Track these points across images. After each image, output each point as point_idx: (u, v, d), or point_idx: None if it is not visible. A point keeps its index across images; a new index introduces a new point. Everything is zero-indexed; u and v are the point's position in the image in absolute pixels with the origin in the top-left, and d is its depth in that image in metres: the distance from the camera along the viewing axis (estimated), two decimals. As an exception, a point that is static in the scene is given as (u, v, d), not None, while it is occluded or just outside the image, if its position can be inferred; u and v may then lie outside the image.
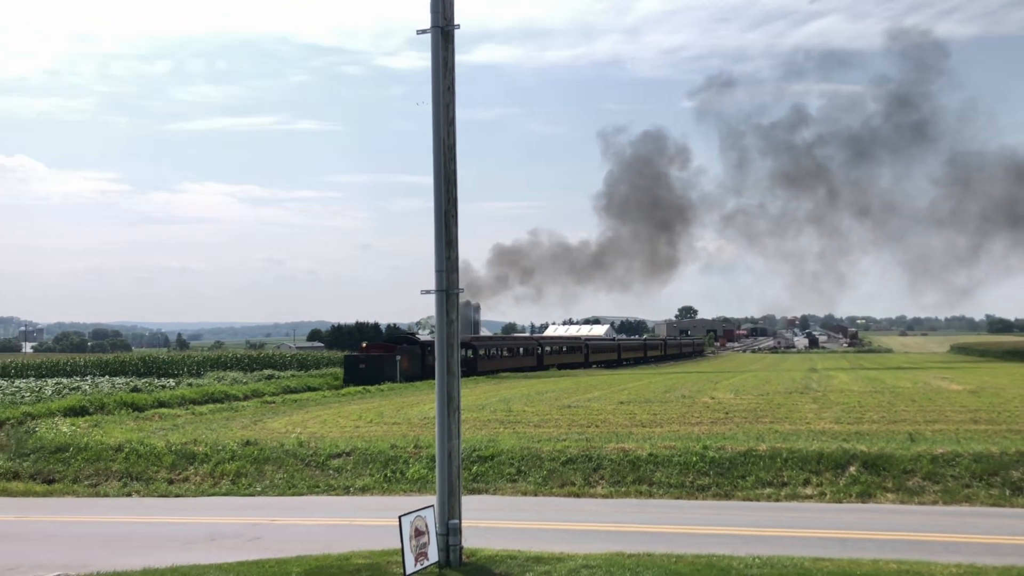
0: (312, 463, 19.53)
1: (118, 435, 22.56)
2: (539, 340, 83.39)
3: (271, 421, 27.95)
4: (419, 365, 54.66)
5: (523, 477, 17.84)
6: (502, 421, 26.06)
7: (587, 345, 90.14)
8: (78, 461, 20.82)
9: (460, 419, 11.06)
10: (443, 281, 10.86)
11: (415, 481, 18.11)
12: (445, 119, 10.86)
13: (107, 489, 19.36)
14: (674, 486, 16.86)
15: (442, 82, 10.85)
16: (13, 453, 21.91)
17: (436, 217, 10.91)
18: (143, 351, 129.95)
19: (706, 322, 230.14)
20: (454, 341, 10.95)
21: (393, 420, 27.38)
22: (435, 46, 10.82)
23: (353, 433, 23.61)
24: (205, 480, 19.39)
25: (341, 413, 30.57)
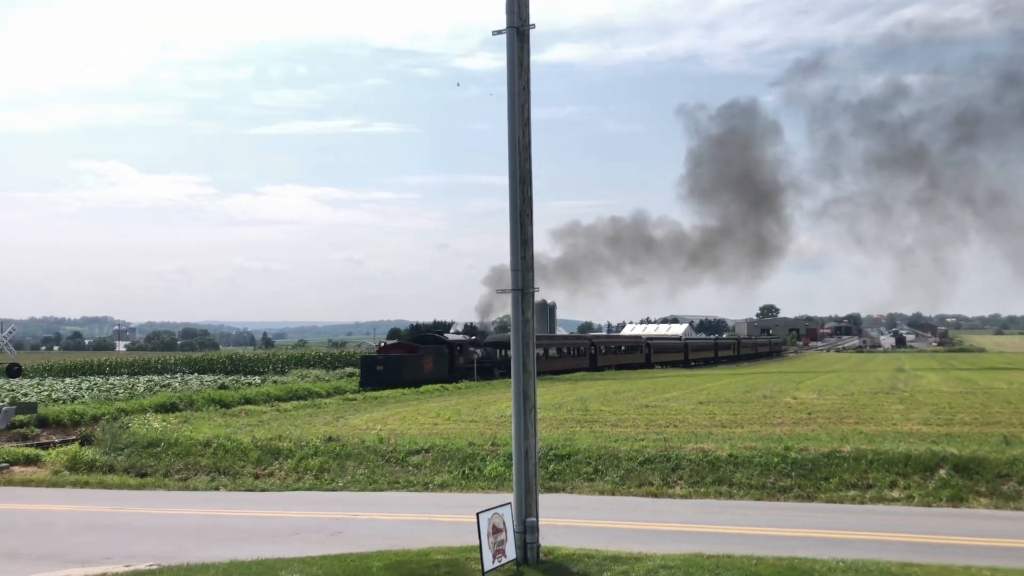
0: (392, 459, 19.83)
1: (206, 431, 23.28)
2: (592, 339, 77.05)
3: (352, 418, 28.47)
4: (446, 366, 50.44)
5: (600, 476, 17.79)
6: (579, 420, 26.02)
7: (648, 344, 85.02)
8: (169, 456, 21.58)
9: (536, 418, 11.09)
10: (518, 280, 10.90)
11: (493, 479, 18.22)
12: (520, 119, 10.90)
13: (196, 483, 20.01)
14: (755, 487, 16.58)
15: (517, 82, 10.89)
16: (108, 448, 22.83)
17: (511, 217, 10.96)
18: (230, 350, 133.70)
19: (788, 321, 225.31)
20: (530, 340, 10.98)
21: (471, 418, 27.59)
22: (510, 46, 10.87)
23: (431, 430, 23.89)
24: (289, 475, 19.87)
25: (420, 410, 30.95)
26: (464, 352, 52.83)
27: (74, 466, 21.93)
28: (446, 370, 49.68)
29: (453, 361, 51.11)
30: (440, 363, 49.70)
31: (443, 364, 49.97)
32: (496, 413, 28.57)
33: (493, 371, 54.37)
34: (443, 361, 50.22)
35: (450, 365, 50.57)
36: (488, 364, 55.23)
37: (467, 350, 53.26)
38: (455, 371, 50.51)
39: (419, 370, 46.93)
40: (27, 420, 29.78)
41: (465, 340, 55.16)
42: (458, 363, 51.48)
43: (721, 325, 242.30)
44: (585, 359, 68.16)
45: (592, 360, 68.79)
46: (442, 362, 50.06)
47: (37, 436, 29.89)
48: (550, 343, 68.86)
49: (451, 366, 50.65)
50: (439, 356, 50.17)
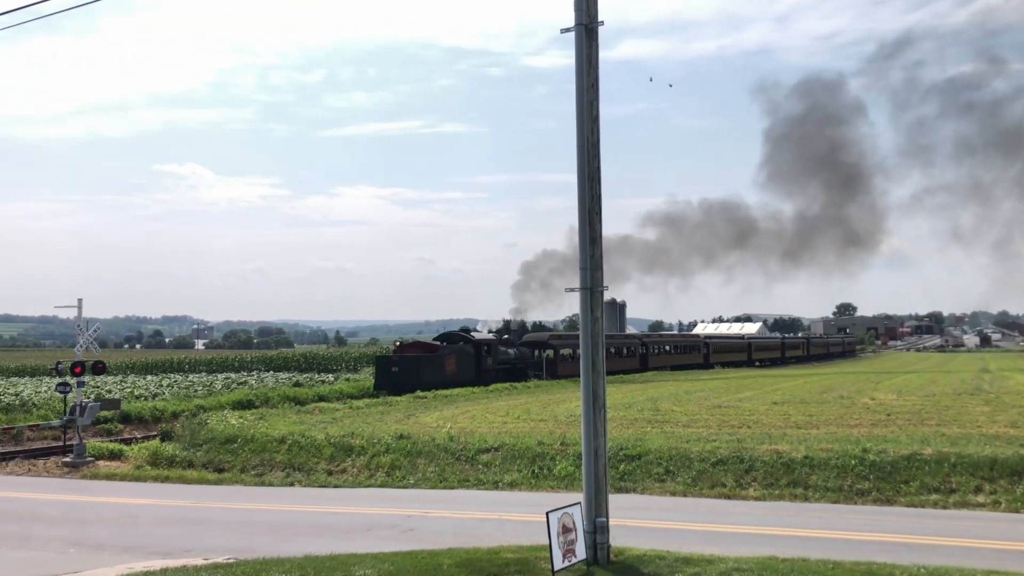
0: (462, 457, 19.94)
1: (281, 428, 23.76)
2: (643, 338, 71.62)
3: (423, 416, 28.73)
4: (473, 367, 45.93)
5: (671, 477, 17.59)
6: (650, 420, 25.78)
7: (707, 344, 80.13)
8: (245, 452, 22.08)
9: (606, 417, 11.00)
10: (587, 279, 10.83)
11: (562, 478, 18.17)
12: (589, 116, 10.83)
13: (271, 479, 20.44)
14: (831, 490, 16.18)
15: (586, 79, 10.82)
16: (188, 443, 23.47)
17: (580, 215, 10.89)
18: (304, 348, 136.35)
19: (866, 320, 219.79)
20: (599, 339, 10.90)
21: (540, 417, 27.57)
22: (579, 44, 10.81)
23: (501, 429, 23.94)
24: (362, 472, 20.14)
25: (489, 409, 31.06)
26: (493, 352, 48.57)
27: (155, 461, 22.62)
28: (472, 371, 45.60)
29: (480, 362, 46.85)
30: (465, 364, 45.52)
31: (468, 365, 45.81)
32: (566, 412, 28.50)
33: (527, 372, 51.08)
34: (468, 362, 46.00)
35: (476, 366, 46.41)
36: (521, 365, 51.49)
37: (496, 350, 49.07)
38: (482, 373, 46.40)
39: (439, 371, 42.90)
40: (111, 416, 30.90)
41: (494, 339, 50.32)
42: (486, 364, 47.31)
43: (796, 324, 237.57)
44: (635, 359, 63.93)
45: (642, 360, 64.57)
46: (467, 363, 45.78)
47: (120, 432, 30.97)
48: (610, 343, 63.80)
49: (478, 367, 46.44)
50: (464, 356, 45.85)
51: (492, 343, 48.83)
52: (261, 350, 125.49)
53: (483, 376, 45.60)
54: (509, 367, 49.67)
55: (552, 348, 54.56)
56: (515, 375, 49.30)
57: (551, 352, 54.23)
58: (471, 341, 47.68)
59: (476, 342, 47.61)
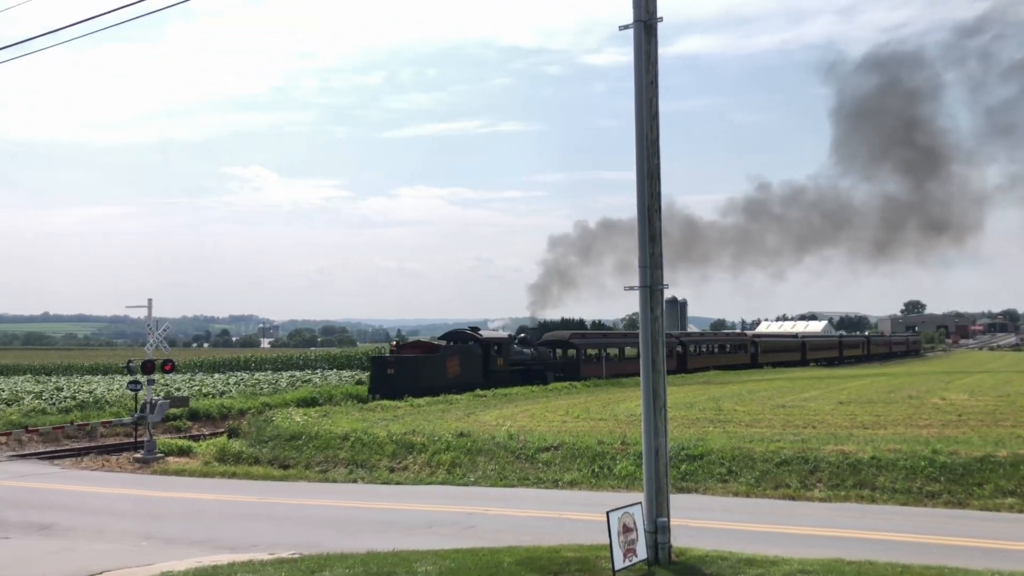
0: (522, 456, 19.98)
1: (344, 425, 24.10)
2: (680, 337, 67.04)
3: (482, 414, 28.85)
4: (480, 369, 41.92)
5: (734, 477, 17.37)
6: (711, 420, 25.50)
7: (755, 343, 75.68)
8: (309, 449, 22.46)
9: (667, 417, 10.92)
10: (647, 277, 10.76)
11: (623, 477, 18.09)
12: (648, 114, 10.76)
13: (335, 475, 20.74)
14: (899, 492, 15.81)
15: (645, 76, 10.75)
16: (254, 440, 23.96)
17: (639, 213, 10.83)
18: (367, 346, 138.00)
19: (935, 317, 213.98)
20: (659, 338, 10.82)
21: (599, 416, 27.47)
22: (637, 41, 10.74)
23: (560, 428, 23.92)
24: (423, 469, 20.32)
25: (548, 408, 31.06)
26: (505, 351, 44.36)
27: (222, 457, 23.14)
28: (479, 373, 41.58)
29: (488, 362, 42.77)
30: (471, 365, 41.47)
31: (475, 366, 41.75)
32: (626, 411, 28.35)
33: (545, 374, 46.81)
34: (475, 362, 41.92)
35: (484, 367, 42.36)
36: (539, 366, 47.15)
37: (509, 349, 44.89)
38: (492, 374, 42.29)
39: (440, 373, 39.12)
40: (180, 413, 31.69)
41: (505, 338, 46.21)
42: (495, 365, 43.16)
43: (863, 323, 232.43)
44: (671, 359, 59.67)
45: (680, 360, 59.82)
46: (474, 364, 41.73)
47: (189, 428, 31.73)
48: (626, 342, 57.88)
49: (486, 368, 42.41)
50: (469, 356, 41.84)
51: (503, 342, 44.90)
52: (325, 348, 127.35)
53: (492, 378, 41.89)
54: (524, 368, 45.89)
55: (575, 347, 50.89)
56: (531, 377, 45.44)
57: (574, 352, 50.69)
58: (478, 340, 43.77)
59: (484, 341, 43.67)
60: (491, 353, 42.92)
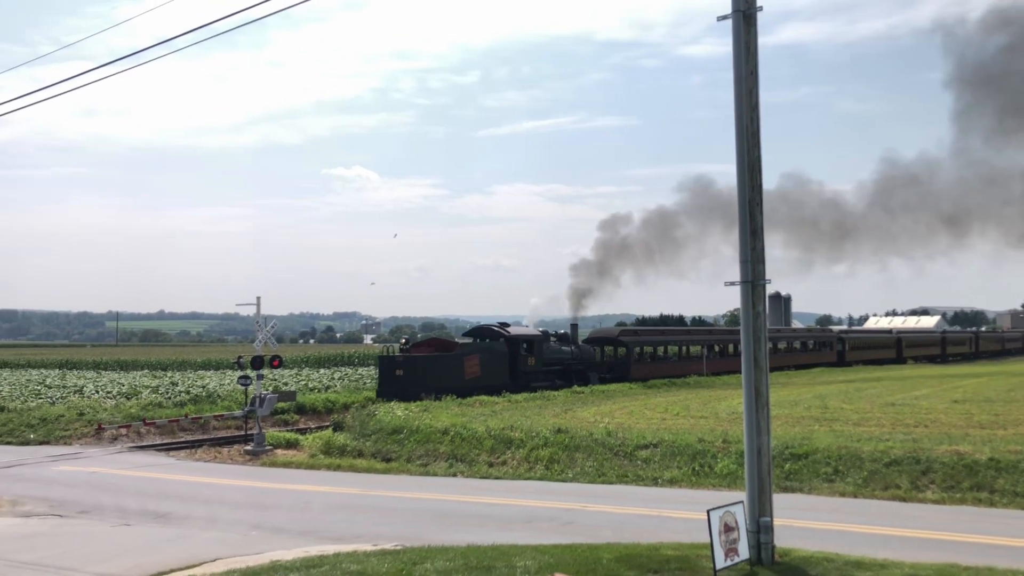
0: (620, 453, 19.87)
1: (444, 420, 24.44)
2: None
3: (580, 410, 28.80)
4: (505, 369, 38.00)
5: (840, 477, 16.86)
6: (817, 418, 24.79)
7: (842, 340, 71.10)
8: (411, 442, 22.87)
9: (769, 414, 10.68)
10: (748, 272, 10.55)
11: (724, 476, 17.79)
12: (748, 105, 10.54)
13: (435, 469, 21.06)
14: (1020, 495, 15.05)
15: (744, 67, 10.54)
16: (357, 434, 24.55)
17: (740, 206, 10.62)
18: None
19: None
20: (761, 334, 10.59)
21: (700, 414, 27.07)
22: (737, 31, 10.54)
23: (660, 425, 23.68)
24: (521, 464, 20.43)
25: (647, 405, 30.78)
26: (537, 350, 40.03)
27: (328, 450, 23.79)
28: (504, 374, 37.79)
29: (517, 362, 38.71)
30: (494, 365, 37.52)
31: (499, 366, 37.79)
32: (727, 409, 27.85)
33: (586, 374, 42.91)
34: (499, 362, 37.97)
35: (512, 367, 38.43)
36: (579, 366, 43.14)
37: (542, 347, 40.47)
38: (521, 375, 38.52)
39: (456, 374, 35.59)
40: (287, 407, 32.72)
41: (537, 334, 41.56)
42: (525, 365, 39.11)
43: (979, 318, 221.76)
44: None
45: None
46: (498, 363, 37.80)
47: (296, 422, 32.73)
48: (689, 339, 55.01)
49: (513, 368, 38.48)
50: (492, 356, 37.91)
51: (534, 339, 40.56)
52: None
53: (522, 379, 38.23)
54: (562, 368, 41.82)
55: (624, 346, 46.58)
56: (571, 378, 41.58)
57: (623, 350, 46.45)
58: (504, 337, 39.36)
59: (511, 338, 39.27)
60: (519, 351, 38.87)
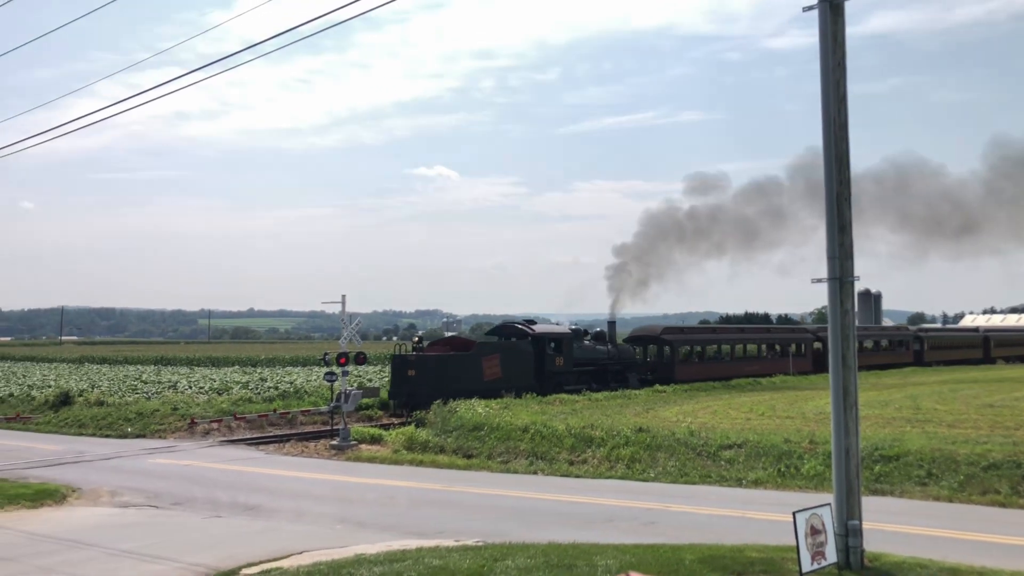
0: (703, 453, 19.60)
1: (524, 417, 24.50)
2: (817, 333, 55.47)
3: (662, 409, 28.51)
4: (530, 369, 35.73)
5: (934, 481, 16.28)
6: (908, 420, 23.99)
7: (920, 338, 65.26)
8: (491, 439, 23.00)
9: (858, 415, 10.38)
10: (836, 268, 10.27)
11: (811, 478, 17.38)
12: (835, 97, 10.26)
13: (516, 466, 21.14)
14: None
15: (831, 58, 10.26)
16: (439, 430, 24.81)
17: (827, 201, 10.35)
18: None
19: None
20: (849, 332, 10.29)
21: (786, 414, 26.49)
22: (823, 22, 10.27)
23: (744, 425, 23.27)
24: (602, 463, 20.34)
25: (731, 404, 30.28)
26: (566, 349, 37.71)
27: (410, 446, 24.11)
28: (529, 374, 35.48)
29: (544, 361, 36.33)
30: (517, 364, 35.07)
31: (523, 366, 35.38)
32: (814, 409, 27.19)
33: (626, 376, 40.24)
34: (523, 362, 35.55)
35: (538, 367, 36.06)
36: (616, 367, 40.47)
37: (571, 346, 38.05)
38: (548, 376, 36.20)
39: (474, 375, 33.26)
40: (371, 403, 33.25)
41: (566, 333, 39.02)
42: (552, 365, 36.70)
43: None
44: (806, 359, 52.03)
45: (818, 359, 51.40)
46: (520, 363, 35.35)
47: (380, 418, 33.24)
48: (743, 337, 51.65)
49: (540, 369, 36.11)
50: (515, 355, 35.43)
51: (563, 338, 38.16)
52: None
53: (549, 381, 35.87)
54: (597, 368, 39.32)
55: (668, 345, 43.94)
56: (606, 379, 39.10)
57: (668, 349, 43.97)
58: (530, 335, 36.83)
59: (537, 336, 36.82)
60: (546, 351, 36.57)
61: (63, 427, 32.45)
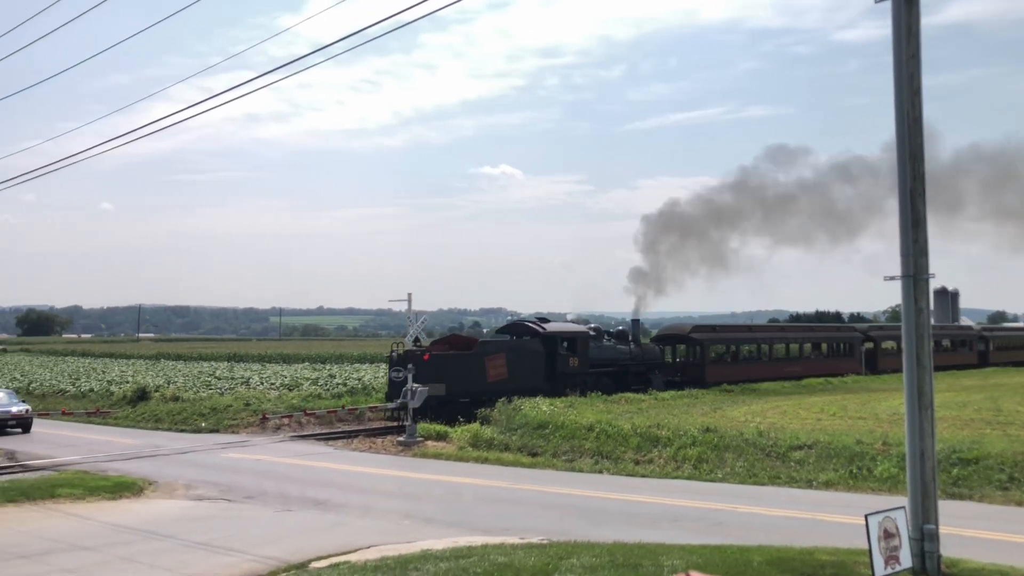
0: (772, 453, 19.29)
1: (589, 416, 24.43)
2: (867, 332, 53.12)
3: (730, 409, 28.14)
4: (540, 370, 33.31)
5: (1017, 485, 15.73)
6: (988, 421, 23.21)
7: (984, 338, 61.44)
8: (556, 438, 22.99)
9: (934, 416, 10.09)
10: (910, 266, 9.99)
11: (884, 480, 16.96)
12: (909, 90, 9.98)
13: (580, 465, 21.08)
14: None
15: (905, 50, 9.98)
16: (504, 428, 24.90)
17: (900, 196, 10.07)
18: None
19: None
20: (924, 331, 10.00)
21: (858, 414, 25.89)
22: (896, 12, 10.00)
23: (815, 426, 22.82)
24: (668, 463, 20.16)
25: (802, 404, 29.72)
26: (580, 349, 35.36)
27: (475, 443, 24.25)
28: (539, 375, 33.16)
29: (555, 362, 34.01)
30: (525, 365, 32.62)
31: (532, 366, 32.99)
32: (888, 410, 26.50)
33: (650, 377, 37.84)
34: (532, 362, 33.17)
35: (549, 368, 33.77)
36: (639, 368, 38.02)
37: (587, 346, 35.68)
38: (560, 378, 33.75)
39: (477, 377, 31.29)
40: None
41: (581, 331, 36.62)
42: (566, 365, 34.43)
43: None
44: (853, 360, 48.51)
45: (870, 359, 49.13)
46: (529, 364, 32.95)
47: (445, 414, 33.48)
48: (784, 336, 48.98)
49: (551, 369, 33.79)
50: (523, 356, 32.95)
51: (577, 336, 35.78)
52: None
53: (562, 382, 33.45)
54: (617, 369, 36.85)
55: (698, 344, 40.96)
56: (625, 380, 36.47)
57: (697, 349, 41.08)
58: (540, 334, 34.51)
59: (548, 335, 34.47)
60: (558, 351, 34.29)
61: (140, 421, 33.53)
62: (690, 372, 40.14)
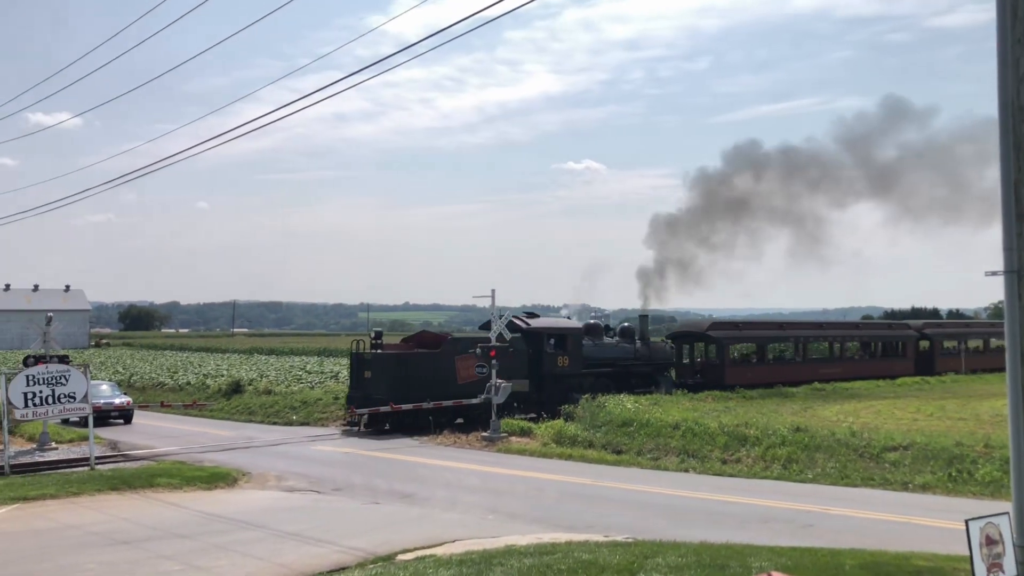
0: (865, 454, 18.72)
1: (675, 414, 24.14)
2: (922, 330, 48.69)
3: (821, 409, 27.45)
4: (522, 372, 30.15)
5: None
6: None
7: None
8: (641, 436, 22.78)
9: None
10: (1012, 261, 9.53)
11: (986, 484, 16.28)
12: (1014, 76, 9.49)
13: (666, 463, 20.85)
14: None
15: (1010, 35, 9.50)
16: (588, 424, 24.81)
17: (1003, 187, 9.58)
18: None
19: None
20: None
21: (958, 415, 24.93)
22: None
23: (911, 426, 22.07)
24: (756, 463, 19.77)
25: (897, 404, 28.78)
26: (571, 347, 32.09)
27: (559, 440, 24.23)
28: (523, 376, 30.08)
29: (542, 361, 31.06)
30: (505, 366, 27.94)
31: (513, 368, 29.22)
32: (990, 411, 25.45)
33: (657, 379, 35.18)
34: (513, 363, 29.52)
35: (535, 368, 30.95)
36: (646, 368, 35.16)
37: (577, 344, 32.46)
38: (548, 379, 31.11)
39: (444, 378, 28.53)
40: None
41: (572, 328, 33.26)
42: (554, 366, 31.44)
43: None
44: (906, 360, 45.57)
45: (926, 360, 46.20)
46: (511, 365, 29.05)
47: (527, 411, 33.55)
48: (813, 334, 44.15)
49: (536, 371, 30.92)
50: (503, 356, 27.86)
51: (567, 333, 32.38)
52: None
53: (550, 384, 31.04)
54: (618, 370, 33.83)
55: (716, 343, 37.47)
56: (627, 382, 33.47)
57: (715, 348, 37.65)
58: (523, 331, 30.97)
59: (533, 332, 31.14)
60: (545, 349, 31.20)
61: (234, 414, 34.63)
62: (709, 373, 37.13)
